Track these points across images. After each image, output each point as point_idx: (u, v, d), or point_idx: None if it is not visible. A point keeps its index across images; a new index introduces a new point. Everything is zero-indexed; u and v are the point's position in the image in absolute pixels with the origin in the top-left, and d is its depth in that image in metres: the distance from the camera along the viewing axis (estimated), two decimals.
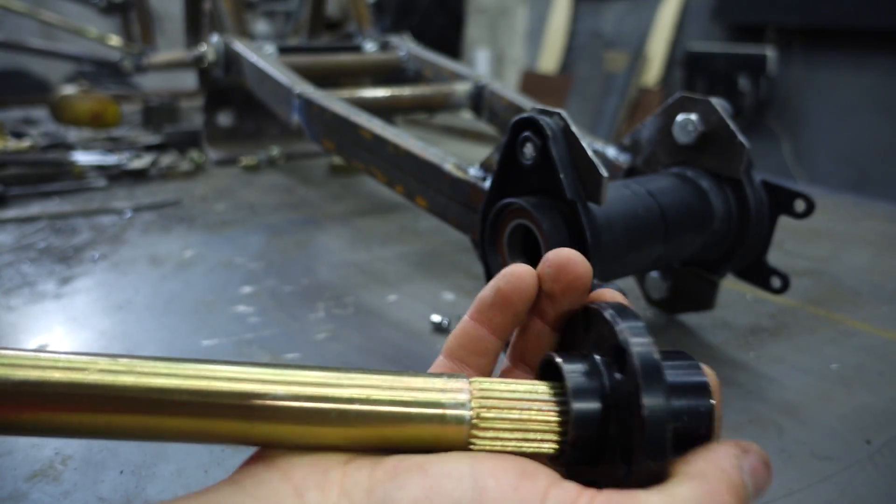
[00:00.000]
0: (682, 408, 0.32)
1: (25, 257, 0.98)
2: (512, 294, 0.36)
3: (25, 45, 2.42)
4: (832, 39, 3.13)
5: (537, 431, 0.33)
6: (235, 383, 0.30)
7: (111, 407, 0.29)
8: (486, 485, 0.29)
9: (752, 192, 0.68)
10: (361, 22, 1.60)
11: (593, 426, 0.32)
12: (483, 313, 0.37)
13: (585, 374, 0.33)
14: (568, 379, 0.33)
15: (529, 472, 0.30)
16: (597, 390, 0.33)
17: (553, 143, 0.56)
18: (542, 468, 0.31)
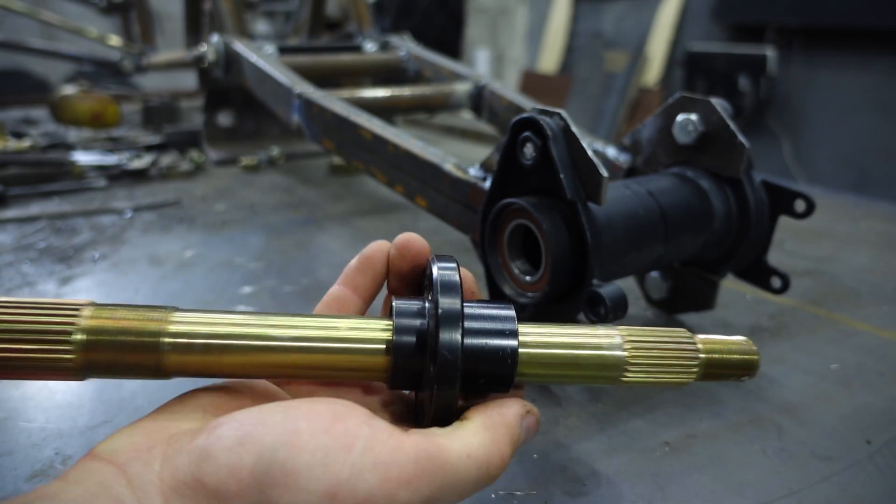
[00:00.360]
0: (480, 347, 0.38)
1: (25, 257, 0.98)
2: (372, 255, 0.45)
3: (25, 45, 2.42)
4: (832, 39, 3.13)
5: (675, 366, 0.42)
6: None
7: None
8: (297, 427, 0.31)
9: (753, 192, 0.68)
10: (361, 22, 1.60)
11: (408, 355, 0.38)
12: (349, 278, 0.45)
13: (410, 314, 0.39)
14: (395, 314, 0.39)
15: (341, 414, 0.32)
16: (414, 327, 0.38)
17: (553, 144, 0.56)
18: (354, 409, 0.33)
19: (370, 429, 0.32)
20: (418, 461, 0.31)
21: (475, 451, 0.34)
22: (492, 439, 0.35)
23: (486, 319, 0.39)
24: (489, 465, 0.34)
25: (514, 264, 0.62)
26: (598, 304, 0.54)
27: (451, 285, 0.38)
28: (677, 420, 0.60)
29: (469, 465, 0.33)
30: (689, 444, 0.57)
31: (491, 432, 0.36)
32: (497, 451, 0.35)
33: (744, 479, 0.52)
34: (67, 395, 0.62)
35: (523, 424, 0.38)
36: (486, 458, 0.34)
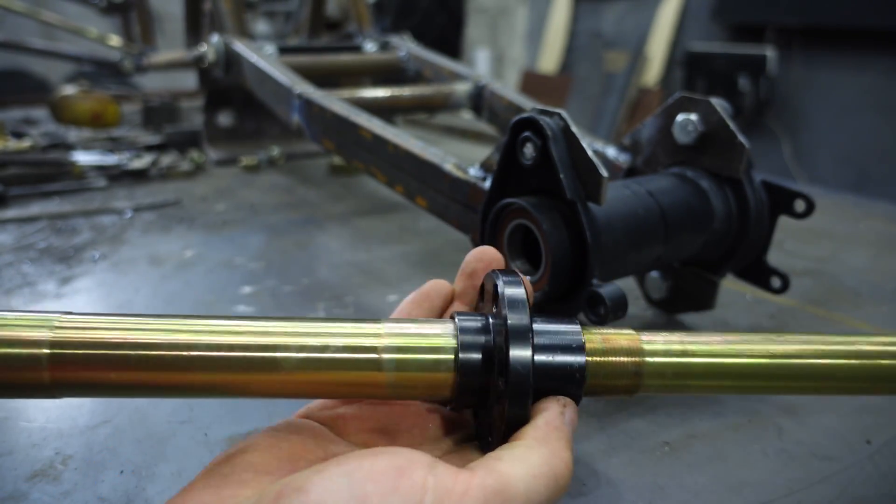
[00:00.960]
0: (548, 363, 0.38)
1: (26, 257, 0.98)
2: (430, 291, 0.47)
3: (26, 45, 2.42)
4: (832, 39, 3.13)
5: None
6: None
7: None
8: (365, 492, 0.30)
9: (752, 192, 0.68)
10: (361, 22, 1.60)
11: (475, 373, 0.38)
12: (404, 311, 0.47)
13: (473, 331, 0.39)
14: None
15: (405, 468, 0.31)
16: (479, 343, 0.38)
17: (553, 144, 0.56)
18: (416, 457, 0.33)
19: (435, 478, 0.31)
20: (487, 500, 0.31)
21: (539, 469, 0.34)
22: (550, 451, 0.35)
23: (553, 335, 0.39)
24: (557, 476, 0.34)
25: (514, 264, 0.62)
26: (598, 304, 0.54)
27: (518, 301, 0.37)
28: (677, 420, 0.60)
29: (538, 485, 0.33)
30: (689, 444, 0.57)
31: (546, 443, 0.35)
32: (559, 460, 0.35)
33: (744, 479, 0.52)
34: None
35: (566, 420, 0.38)
36: (551, 472, 0.34)
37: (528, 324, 0.37)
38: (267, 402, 0.61)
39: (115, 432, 0.57)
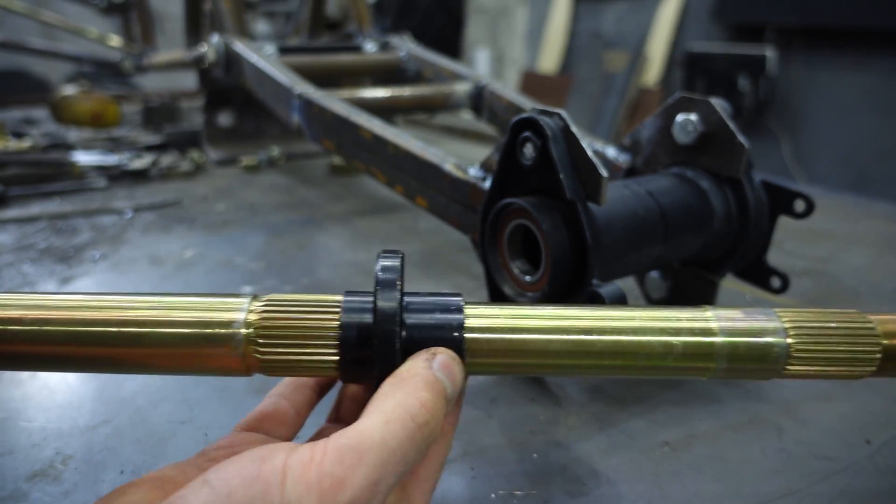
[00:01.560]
0: (422, 323, 0.40)
1: (26, 257, 0.98)
2: (305, 380, 0.46)
3: (26, 45, 2.42)
4: (832, 39, 3.13)
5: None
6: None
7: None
8: (229, 487, 0.30)
9: (752, 192, 0.68)
10: (361, 22, 1.60)
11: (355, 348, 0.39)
12: (283, 393, 0.45)
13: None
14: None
15: (265, 457, 0.32)
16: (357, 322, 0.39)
17: (553, 144, 0.56)
18: (278, 446, 0.33)
19: (295, 457, 0.32)
20: (343, 459, 0.31)
21: (392, 413, 0.34)
22: (405, 393, 0.35)
23: (425, 303, 0.41)
24: (413, 416, 0.34)
25: (514, 264, 0.62)
26: (598, 304, 0.54)
27: (389, 279, 0.40)
28: (677, 420, 0.60)
29: (393, 429, 0.33)
30: (689, 444, 0.57)
31: (401, 387, 0.36)
32: (414, 399, 0.35)
33: (744, 479, 0.52)
34: (68, 395, 0.63)
35: (435, 366, 0.38)
36: (406, 413, 0.34)
37: (399, 289, 0.39)
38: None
39: (115, 432, 0.57)
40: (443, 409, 0.36)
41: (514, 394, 0.64)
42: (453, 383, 0.38)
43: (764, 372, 0.40)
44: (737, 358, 0.39)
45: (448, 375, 0.38)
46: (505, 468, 0.53)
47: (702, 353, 0.40)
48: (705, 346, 0.39)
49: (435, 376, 0.37)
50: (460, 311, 0.40)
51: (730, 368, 0.40)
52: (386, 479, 0.32)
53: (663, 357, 0.39)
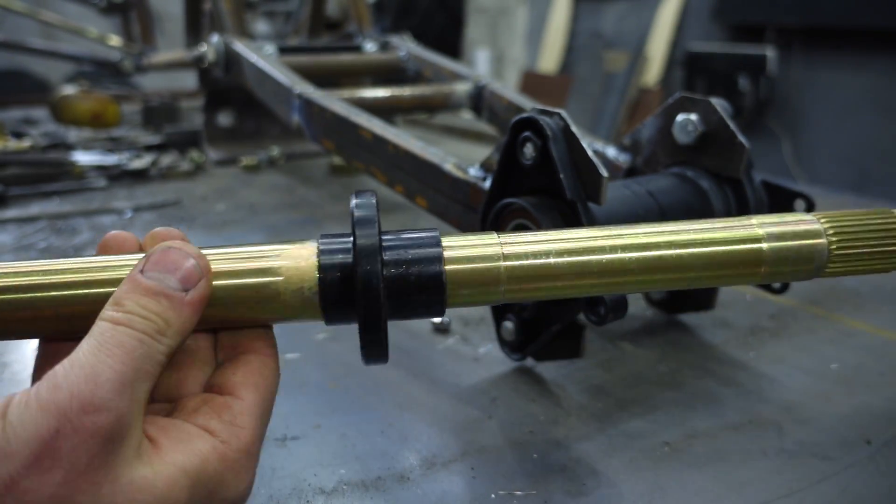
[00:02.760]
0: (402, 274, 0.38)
1: (26, 257, 0.98)
2: (111, 242, 0.46)
3: (25, 45, 2.42)
4: (832, 39, 3.13)
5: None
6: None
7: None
8: None
9: (753, 191, 0.67)
10: (361, 22, 1.60)
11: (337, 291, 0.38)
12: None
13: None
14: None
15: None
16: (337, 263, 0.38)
17: (553, 143, 0.56)
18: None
19: (16, 395, 0.31)
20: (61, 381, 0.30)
21: (95, 332, 0.33)
22: (108, 306, 0.34)
23: (406, 248, 0.39)
24: (112, 320, 0.33)
25: None
26: (597, 304, 0.54)
27: (366, 220, 0.38)
28: (677, 420, 0.60)
29: (99, 344, 0.32)
30: (689, 444, 0.57)
31: (96, 331, 0.33)
32: (111, 309, 0.33)
33: (744, 479, 0.52)
34: None
35: (144, 268, 0.35)
36: (105, 325, 0.33)
37: (378, 239, 0.37)
38: None
39: None
40: (164, 304, 0.34)
41: (515, 394, 0.64)
42: (177, 275, 0.35)
43: (807, 273, 0.42)
44: (782, 262, 0.41)
45: (164, 270, 0.35)
46: (505, 468, 0.53)
47: (751, 260, 0.41)
48: (754, 252, 0.41)
49: (137, 278, 0.35)
50: (438, 245, 0.40)
51: (775, 272, 0.42)
52: (107, 374, 0.30)
53: (715, 267, 0.41)
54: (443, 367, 0.69)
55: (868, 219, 0.43)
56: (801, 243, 0.41)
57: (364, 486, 0.51)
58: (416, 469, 0.53)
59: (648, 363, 0.70)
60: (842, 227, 0.42)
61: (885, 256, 0.43)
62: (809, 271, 0.42)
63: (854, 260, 0.42)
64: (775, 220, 0.42)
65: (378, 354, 0.39)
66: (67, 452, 0.29)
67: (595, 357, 0.71)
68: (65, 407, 0.29)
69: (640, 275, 0.40)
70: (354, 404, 0.62)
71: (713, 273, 0.41)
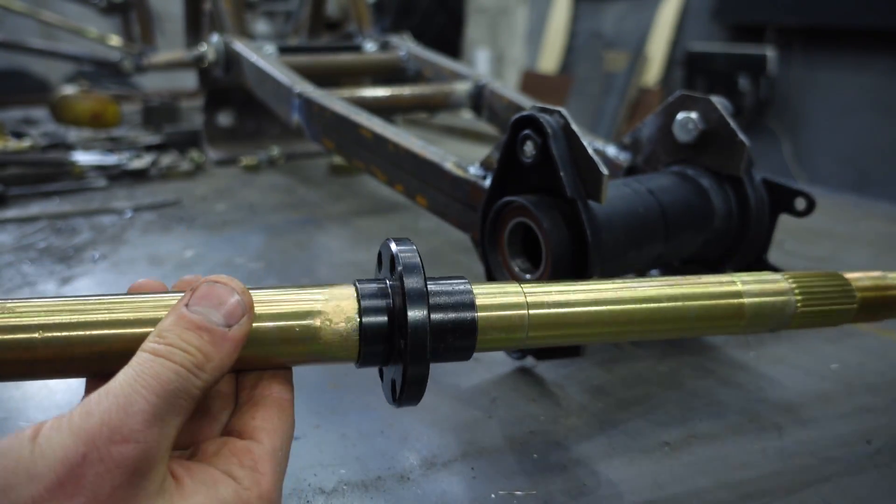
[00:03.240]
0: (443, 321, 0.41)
1: (26, 257, 0.98)
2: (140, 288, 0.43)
3: (25, 45, 2.42)
4: (832, 39, 3.13)
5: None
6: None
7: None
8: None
9: (753, 190, 0.67)
10: (361, 22, 1.60)
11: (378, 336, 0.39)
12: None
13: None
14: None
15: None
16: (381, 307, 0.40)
17: (553, 142, 0.56)
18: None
19: (50, 420, 0.30)
20: (96, 406, 0.30)
21: (136, 361, 0.32)
22: (152, 337, 0.33)
23: (447, 294, 0.41)
24: (154, 352, 0.33)
25: (515, 262, 0.62)
26: None
27: (413, 265, 0.40)
28: (677, 420, 0.60)
29: (139, 373, 0.31)
30: (689, 444, 0.56)
31: (135, 361, 0.32)
32: (155, 341, 0.33)
33: (743, 479, 0.52)
34: (67, 395, 0.62)
35: (190, 302, 0.35)
36: (147, 356, 0.32)
37: (424, 286, 0.39)
38: None
39: None
40: (206, 339, 0.34)
41: (515, 394, 0.64)
42: (221, 310, 0.35)
43: (775, 325, 0.49)
44: (759, 315, 0.48)
45: (209, 305, 0.35)
46: (505, 468, 0.53)
47: (734, 314, 0.47)
48: (735, 306, 0.47)
49: (181, 312, 0.34)
50: (471, 293, 0.42)
51: (753, 324, 0.48)
52: (140, 405, 0.30)
53: (706, 319, 0.47)
54: (443, 367, 0.68)
55: (827, 282, 0.51)
56: (775, 300, 0.48)
57: (364, 486, 0.51)
58: (416, 469, 0.53)
59: (648, 363, 0.70)
60: (806, 288, 0.49)
61: (838, 315, 0.51)
62: (778, 324, 0.49)
63: (814, 316, 0.50)
64: (753, 278, 0.49)
65: (417, 396, 0.40)
66: (91, 480, 0.29)
67: (595, 357, 0.71)
68: (94, 434, 0.29)
69: (643, 325, 0.45)
70: (354, 404, 0.62)
71: (703, 324, 0.47)
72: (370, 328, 0.38)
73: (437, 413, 0.61)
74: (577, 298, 0.44)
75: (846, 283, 0.51)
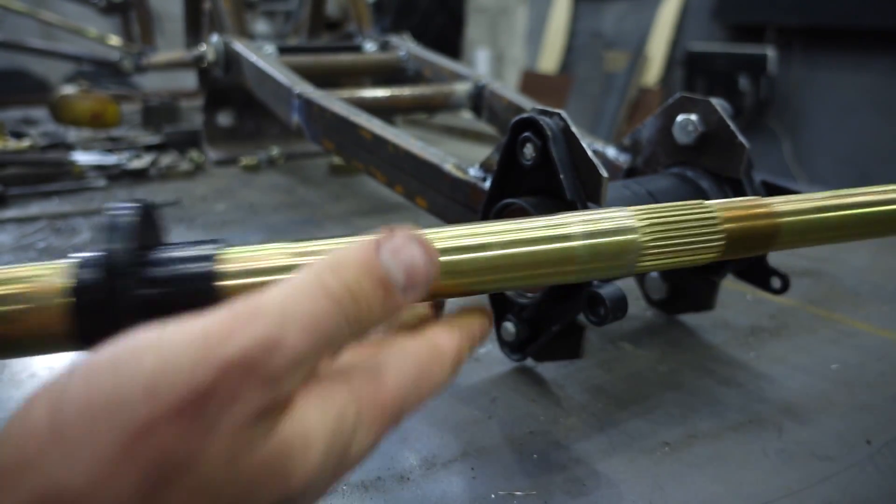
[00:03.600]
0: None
1: (25, 257, 0.98)
2: None
3: (25, 45, 2.42)
4: (832, 39, 3.13)
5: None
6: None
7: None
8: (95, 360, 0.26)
9: (753, 192, 0.67)
10: (361, 22, 1.60)
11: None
12: None
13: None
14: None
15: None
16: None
17: (553, 144, 0.56)
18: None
19: (179, 322, 0.27)
20: (232, 316, 0.26)
21: (298, 281, 0.28)
22: (324, 264, 0.30)
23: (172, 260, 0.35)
24: (325, 287, 0.28)
25: None
26: (598, 305, 0.54)
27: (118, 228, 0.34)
28: (677, 420, 0.60)
29: (297, 296, 0.28)
30: (689, 444, 0.57)
31: (323, 262, 0.30)
32: (329, 275, 0.29)
33: (744, 479, 0.52)
34: None
35: (384, 248, 0.31)
36: (315, 282, 0.28)
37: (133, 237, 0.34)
38: None
39: None
40: (379, 297, 0.30)
41: (514, 394, 0.64)
42: (407, 270, 0.31)
43: (624, 270, 0.42)
44: (597, 259, 0.40)
45: (400, 260, 0.31)
46: (505, 468, 0.53)
47: (565, 258, 0.39)
48: (567, 250, 0.39)
49: (371, 257, 0.31)
50: (210, 260, 0.35)
51: (587, 271, 0.40)
52: (288, 344, 0.26)
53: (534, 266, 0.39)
54: None
55: (684, 213, 0.43)
56: (613, 240, 0.40)
57: (364, 486, 0.51)
58: (416, 469, 0.53)
59: (648, 363, 0.70)
60: (655, 221, 0.41)
61: (696, 250, 0.43)
62: (624, 267, 0.41)
63: (666, 255, 0.42)
64: (589, 217, 0.41)
65: None
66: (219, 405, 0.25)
67: (595, 357, 0.71)
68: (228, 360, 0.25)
69: (473, 276, 0.38)
70: None
71: (527, 273, 0.39)
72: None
73: (436, 413, 0.61)
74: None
75: (708, 212, 0.43)
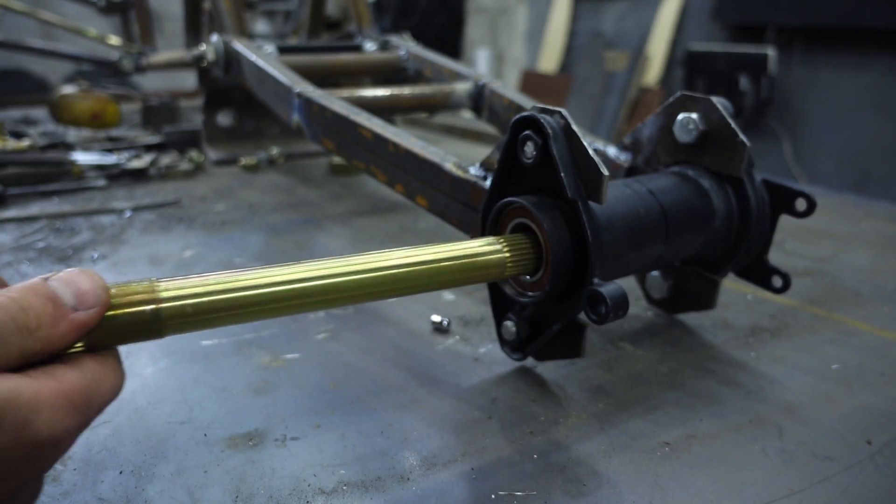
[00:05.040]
0: None
1: (24, 257, 0.97)
2: None
3: (25, 45, 2.42)
4: (832, 39, 3.13)
5: None
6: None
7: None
8: None
9: (753, 190, 0.67)
10: (361, 22, 1.60)
11: None
12: None
13: None
14: None
15: None
16: None
17: (554, 142, 0.56)
18: None
19: None
20: None
21: None
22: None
23: None
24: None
25: None
26: (598, 304, 0.54)
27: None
28: (677, 420, 0.60)
29: None
30: (689, 445, 0.56)
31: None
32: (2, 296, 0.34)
33: (744, 480, 0.52)
34: None
35: (54, 279, 0.37)
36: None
37: None
38: (267, 402, 0.61)
39: (114, 432, 0.57)
40: (49, 311, 0.35)
41: (515, 394, 0.64)
42: (75, 292, 0.37)
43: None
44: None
45: (67, 284, 0.37)
46: (505, 468, 0.53)
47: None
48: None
49: (37, 282, 0.36)
50: None
51: None
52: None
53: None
54: (443, 367, 0.69)
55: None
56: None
57: (364, 487, 0.51)
58: (416, 469, 0.53)
59: (649, 363, 0.70)
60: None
61: None
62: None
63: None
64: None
65: None
66: None
67: (595, 357, 0.71)
68: None
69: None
70: (354, 404, 0.62)
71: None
72: None
73: (437, 413, 0.61)
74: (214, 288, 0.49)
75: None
